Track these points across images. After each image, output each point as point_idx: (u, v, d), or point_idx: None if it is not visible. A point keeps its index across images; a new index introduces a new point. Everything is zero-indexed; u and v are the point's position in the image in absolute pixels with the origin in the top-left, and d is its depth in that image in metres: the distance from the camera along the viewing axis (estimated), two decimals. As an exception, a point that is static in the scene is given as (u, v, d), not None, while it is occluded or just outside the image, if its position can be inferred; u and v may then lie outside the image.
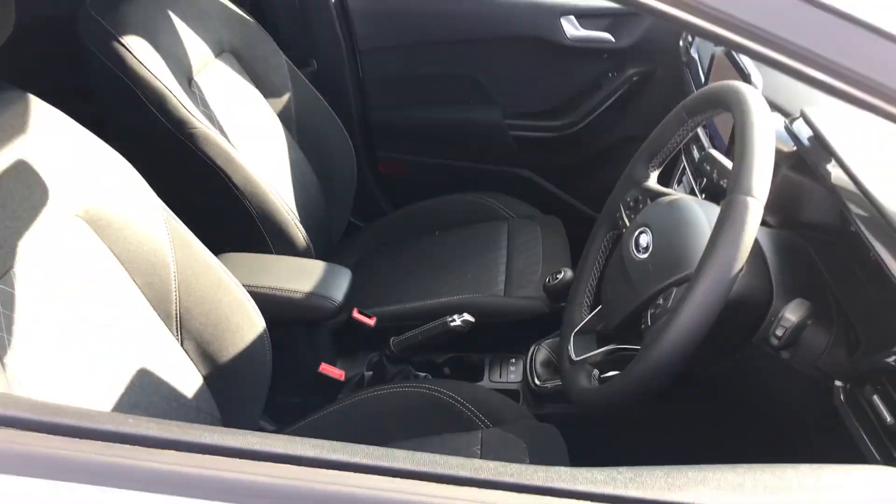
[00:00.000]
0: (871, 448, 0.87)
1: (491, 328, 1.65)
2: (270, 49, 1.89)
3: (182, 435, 0.67)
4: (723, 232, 0.87)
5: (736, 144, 0.94)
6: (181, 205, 1.32)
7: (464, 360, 1.69)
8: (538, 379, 1.50)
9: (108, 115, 1.57)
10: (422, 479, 0.63)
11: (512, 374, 1.63)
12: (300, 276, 1.51)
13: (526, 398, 1.56)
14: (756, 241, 0.95)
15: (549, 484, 0.61)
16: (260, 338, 1.35)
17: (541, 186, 2.26)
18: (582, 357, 1.14)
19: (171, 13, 1.65)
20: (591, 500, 0.61)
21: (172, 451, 0.64)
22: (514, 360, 1.66)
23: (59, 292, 1.08)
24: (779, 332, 0.95)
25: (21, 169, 1.08)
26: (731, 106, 1.01)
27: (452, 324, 1.48)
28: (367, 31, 2.12)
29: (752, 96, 1.00)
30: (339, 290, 1.49)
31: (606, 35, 2.10)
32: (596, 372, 1.15)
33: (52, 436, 0.66)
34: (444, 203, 2.09)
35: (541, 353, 1.56)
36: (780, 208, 1.12)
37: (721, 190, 1.17)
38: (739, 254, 0.86)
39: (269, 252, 1.62)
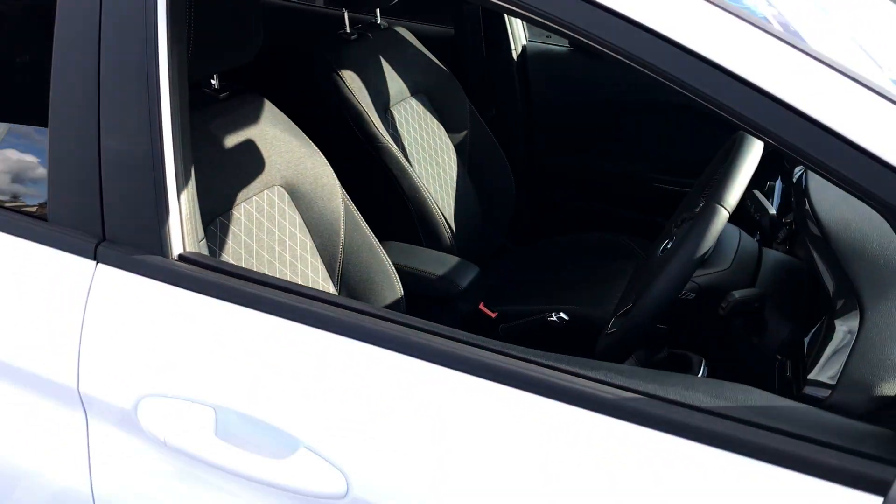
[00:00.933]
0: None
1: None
2: (458, 94, 2.35)
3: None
4: (694, 227, 1.18)
5: (727, 161, 1.26)
6: (359, 197, 1.78)
7: None
8: None
9: (321, 123, 2.09)
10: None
11: None
12: (437, 263, 1.93)
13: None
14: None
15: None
16: (397, 302, 1.77)
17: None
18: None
19: (381, 57, 2.16)
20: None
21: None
22: None
23: (256, 239, 1.57)
24: (723, 304, 1.23)
25: (250, 146, 1.59)
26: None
27: (549, 318, 1.82)
28: (540, 89, 2.54)
29: None
30: (465, 278, 1.89)
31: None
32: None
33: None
34: (586, 237, 2.42)
35: None
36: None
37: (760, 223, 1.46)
38: (702, 245, 1.16)
39: (420, 245, 2.05)
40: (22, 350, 1.14)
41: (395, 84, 2.18)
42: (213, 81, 1.60)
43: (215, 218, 1.49)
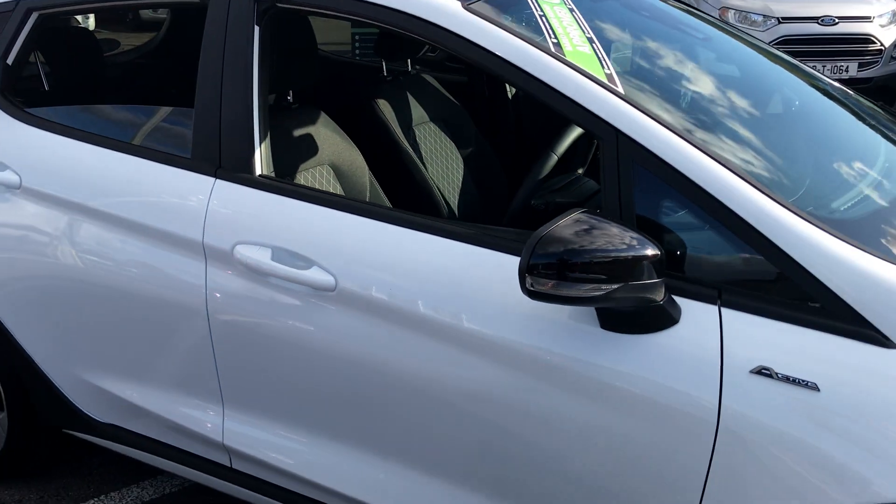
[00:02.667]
0: None
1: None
2: (467, 121, 3.27)
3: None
4: (534, 166, 2.07)
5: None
6: (380, 178, 2.70)
7: None
8: None
9: (362, 133, 3.02)
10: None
11: None
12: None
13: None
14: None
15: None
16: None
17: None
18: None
19: (407, 93, 3.12)
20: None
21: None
22: None
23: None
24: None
25: (309, 138, 2.54)
26: None
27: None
28: (529, 116, 3.45)
29: None
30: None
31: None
32: None
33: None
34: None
35: None
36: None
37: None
38: (539, 173, 2.05)
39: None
40: (173, 222, 2.11)
41: (417, 111, 3.13)
42: (289, 97, 2.58)
43: (284, 178, 2.45)
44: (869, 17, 7.40)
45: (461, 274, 1.82)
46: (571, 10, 2.04)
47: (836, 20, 7.31)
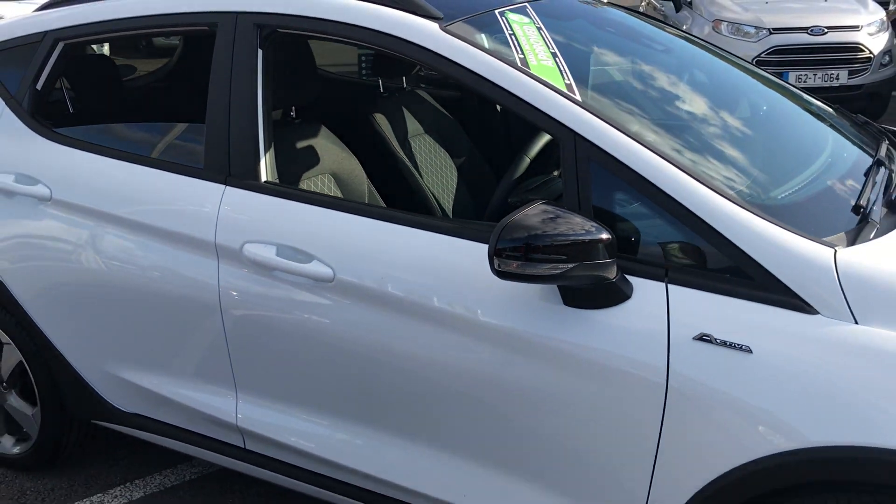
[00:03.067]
0: None
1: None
2: (459, 133, 3.52)
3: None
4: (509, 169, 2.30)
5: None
6: (378, 186, 2.95)
7: None
8: None
9: (362, 145, 3.27)
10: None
11: None
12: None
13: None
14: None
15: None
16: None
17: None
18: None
19: (403, 107, 3.36)
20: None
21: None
22: None
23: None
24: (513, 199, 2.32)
25: (311, 149, 2.78)
26: None
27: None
28: (516, 127, 3.69)
29: None
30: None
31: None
32: None
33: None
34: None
35: None
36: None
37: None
38: (514, 173, 2.28)
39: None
40: (188, 225, 2.35)
41: (412, 124, 3.38)
42: (292, 113, 2.83)
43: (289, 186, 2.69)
44: (857, 27, 7.62)
45: (444, 262, 2.05)
46: (539, 29, 2.29)
47: (826, 30, 7.53)
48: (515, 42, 2.16)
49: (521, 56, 2.11)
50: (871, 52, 7.53)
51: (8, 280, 2.73)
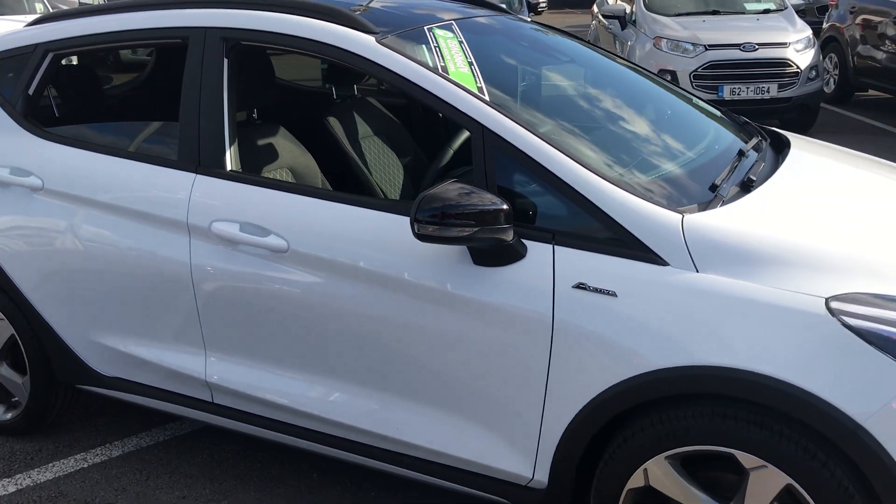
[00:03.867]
0: None
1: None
2: (405, 135, 3.96)
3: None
4: (434, 163, 2.74)
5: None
6: (332, 183, 3.37)
7: None
8: None
9: (318, 145, 3.70)
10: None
11: None
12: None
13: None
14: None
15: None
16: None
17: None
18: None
19: (354, 112, 3.79)
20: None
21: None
22: None
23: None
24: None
25: (271, 146, 3.21)
26: None
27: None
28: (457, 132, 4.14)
29: None
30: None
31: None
32: None
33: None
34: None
35: None
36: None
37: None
38: (439, 162, 2.72)
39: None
40: (164, 208, 2.76)
41: (362, 127, 3.81)
42: (254, 115, 3.25)
43: (251, 175, 3.11)
44: (785, 44, 8.22)
45: (379, 234, 2.48)
46: (461, 42, 2.74)
47: (757, 46, 8.12)
48: (439, 53, 2.62)
49: (443, 64, 2.56)
50: (798, 67, 8.13)
51: (4, 262, 3.12)
